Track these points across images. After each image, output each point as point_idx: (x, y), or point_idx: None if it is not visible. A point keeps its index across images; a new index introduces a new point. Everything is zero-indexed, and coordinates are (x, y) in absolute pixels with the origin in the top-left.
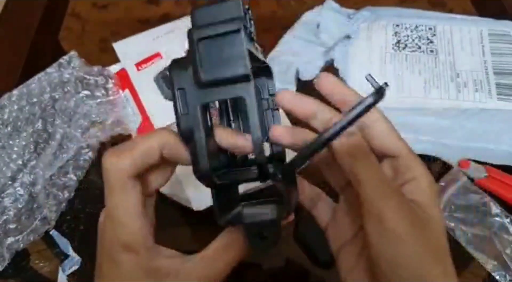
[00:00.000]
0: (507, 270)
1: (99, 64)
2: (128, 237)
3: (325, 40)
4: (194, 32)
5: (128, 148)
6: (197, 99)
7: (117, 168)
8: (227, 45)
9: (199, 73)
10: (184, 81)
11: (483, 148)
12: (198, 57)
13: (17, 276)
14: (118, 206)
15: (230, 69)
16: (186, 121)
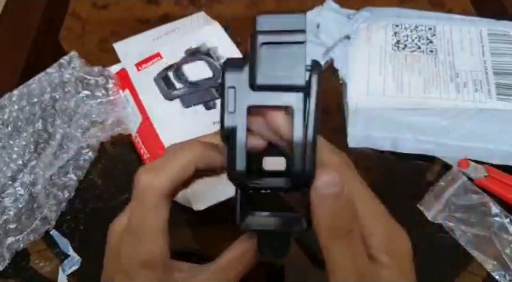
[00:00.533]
0: (506, 270)
1: (99, 64)
2: (149, 254)
3: (325, 40)
4: (259, 35)
5: (164, 164)
6: (246, 100)
7: (154, 187)
8: (289, 54)
9: (256, 75)
10: (236, 80)
11: (482, 148)
12: (258, 59)
13: (17, 276)
14: (146, 225)
15: (287, 78)
16: (231, 120)
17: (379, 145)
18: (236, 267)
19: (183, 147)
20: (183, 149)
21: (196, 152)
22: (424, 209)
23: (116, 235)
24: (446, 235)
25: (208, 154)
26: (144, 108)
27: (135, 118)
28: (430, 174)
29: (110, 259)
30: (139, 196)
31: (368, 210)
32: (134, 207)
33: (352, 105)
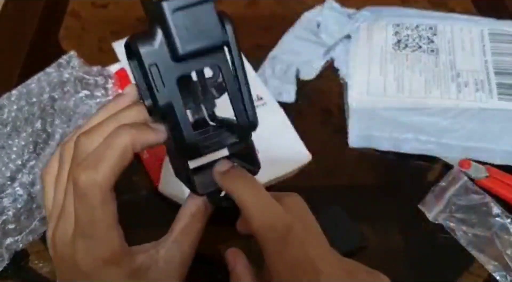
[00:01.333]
0: (508, 270)
1: (99, 63)
2: (109, 251)
3: (326, 39)
4: (164, 3)
5: (100, 157)
6: (173, 73)
7: (98, 183)
8: (200, 15)
9: (176, 47)
10: (154, 55)
11: (483, 148)
12: (173, 29)
13: (16, 276)
14: (97, 223)
15: (207, 40)
16: (163, 97)
17: (379, 145)
18: (193, 227)
19: (114, 134)
20: (116, 136)
21: (129, 136)
22: (425, 209)
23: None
24: (447, 236)
25: (141, 134)
26: None
27: None
28: (431, 174)
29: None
30: (82, 196)
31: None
32: (79, 209)
33: (353, 105)
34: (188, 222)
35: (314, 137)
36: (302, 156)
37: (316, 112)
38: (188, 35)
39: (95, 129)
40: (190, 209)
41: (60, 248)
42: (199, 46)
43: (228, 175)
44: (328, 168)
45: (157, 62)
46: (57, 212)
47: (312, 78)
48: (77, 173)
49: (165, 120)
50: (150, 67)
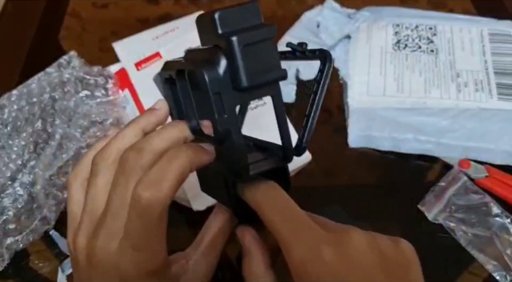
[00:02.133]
0: (507, 270)
1: (99, 64)
2: (155, 265)
3: (325, 40)
4: (234, 37)
5: (162, 176)
6: (233, 101)
7: (160, 202)
8: (264, 50)
9: (241, 79)
10: (218, 84)
11: (483, 148)
12: (241, 63)
13: (16, 276)
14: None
15: (269, 75)
16: (223, 123)
17: (379, 144)
18: (219, 240)
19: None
20: (176, 157)
21: (187, 157)
22: (425, 209)
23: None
24: (446, 235)
25: (197, 155)
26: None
27: None
28: (431, 174)
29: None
30: (143, 212)
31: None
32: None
33: (353, 105)
34: (216, 236)
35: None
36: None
37: None
38: (252, 70)
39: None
40: (218, 223)
41: (100, 257)
42: (261, 81)
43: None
44: (328, 168)
45: (221, 91)
46: (91, 219)
47: (312, 79)
48: (140, 191)
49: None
50: (214, 95)
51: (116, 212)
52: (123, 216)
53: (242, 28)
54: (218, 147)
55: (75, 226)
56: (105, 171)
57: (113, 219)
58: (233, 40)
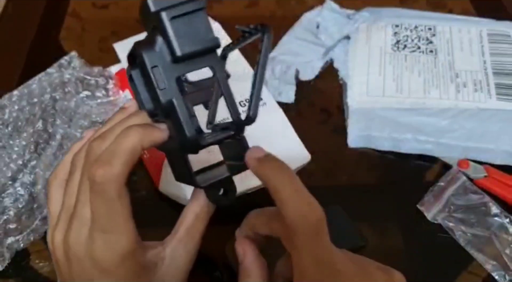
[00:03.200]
0: (506, 270)
1: (99, 64)
2: (127, 245)
3: (325, 40)
4: (163, 12)
5: (112, 154)
6: (172, 73)
7: (114, 178)
8: (195, 21)
9: (175, 49)
10: (155, 58)
11: (482, 148)
12: (171, 34)
13: (17, 275)
14: (115, 217)
15: (202, 42)
16: (165, 95)
17: (379, 145)
18: (197, 227)
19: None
20: (126, 135)
21: (137, 133)
22: (424, 209)
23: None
24: (445, 235)
25: (147, 132)
26: None
27: None
28: (430, 174)
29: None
30: (100, 191)
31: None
32: (97, 204)
33: (352, 105)
34: (192, 222)
35: (313, 137)
36: (301, 156)
37: (315, 113)
38: (184, 39)
39: (105, 134)
40: (194, 209)
41: (74, 249)
42: (194, 48)
43: (264, 161)
44: (327, 168)
45: (158, 64)
46: (67, 215)
47: (312, 79)
48: (93, 169)
49: (167, 118)
50: (153, 69)
51: (84, 200)
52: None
53: (173, 4)
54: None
55: (53, 224)
56: (80, 167)
57: (82, 207)
58: (162, 14)
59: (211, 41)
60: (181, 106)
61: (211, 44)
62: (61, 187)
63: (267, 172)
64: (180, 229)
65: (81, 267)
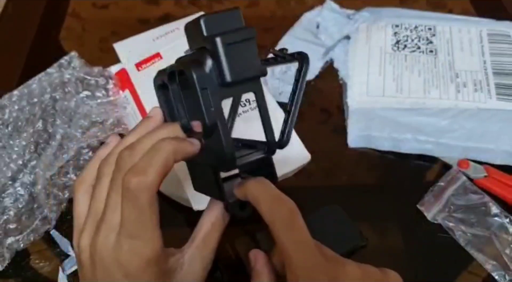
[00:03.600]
0: (506, 270)
1: (99, 64)
2: (153, 252)
3: (325, 40)
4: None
5: (148, 164)
6: (219, 96)
7: (148, 186)
8: (246, 49)
9: (225, 75)
10: (204, 80)
11: (482, 148)
12: (225, 60)
13: (17, 275)
14: (145, 224)
15: (251, 71)
16: (211, 117)
17: (379, 145)
18: (213, 235)
19: (159, 145)
20: (161, 146)
21: (171, 146)
22: (424, 209)
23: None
24: (445, 235)
25: (181, 145)
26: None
27: (135, 119)
28: (430, 174)
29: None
30: (133, 198)
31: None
32: (128, 211)
33: (352, 105)
34: (209, 231)
35: (313, 137)
36: (301, 156)
37: (315, 113)
38: (235, 66)
39: (135, 145)
40: (210, 219)
41: (101, 254)
42: (244, 76)
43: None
44: (327, 168)
45: (207, 86)
46: (94, 219)
47: (312, 79)
48: (128, 177)
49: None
50: (202, 91)
51: (113, 206)
52: (119, 209)
53: (225, 30)
54: (206, 140)
55: (80, 228)
56: (109, 173)
57: (111, 213)
58: (217, 40)
59: (260, 70)
60: (224, 128)
61: (259, 73)
62: (87, 192)
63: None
64: (197, 237)
65: (105, 271)
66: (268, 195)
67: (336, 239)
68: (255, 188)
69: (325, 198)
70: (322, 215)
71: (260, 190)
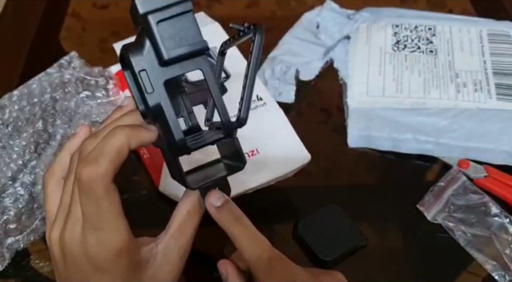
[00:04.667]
0: (506, 270)
1: (100, 64)
2: (120, 242)
3: (325, 40)
4: (149, 15)
5: (99, 153)
6: (160, 77)
7: (100, 176)
8: (182, 24)
9: (162, 53)
10: (143, 62)
11: (482, 148)
12: (158, 37)
13: (17, 276)
14: (105, 214)
15: (190, 46)
16: (153, 99)
17: (379, 145)
18: (189, 224)
19: (111, 133)
20: (113, 135)
21: (124, 133)
22: (424, 209)
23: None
24: (445, 235)
25: (135, 132)
26: None
27: None
28: (430, 174)
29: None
30: (87, 189)
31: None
32: (85, 202)
33: (352, 105)
34: (184, 219)
35: (313, 137)
36: (301, 156)
37: (315, 113)
38: (171, 43)
39: (96, 133)
40: (186, 206)
41: (70, 247)
42: (181, 52)
43: (221, 211)
44: (327, 168)
45: (146, 68)
46: (63, 213)
47: (312, 79)
48: (80, 168)
49: (157, 121)
50: (140, 73)
51: (76, 198)
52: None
53: (160, 7)
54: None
55: (51, 221)
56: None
57: (75, 206)
58: (149, 17)
59: (199, 44)
60: (169, 110)
61: (199, 47)
62: (58, 185)
63: (224, 222)
64: (172, 225)
65: (76, 265)
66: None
67: (336, 239)
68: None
69: (325, 198)
70: (322, 215)
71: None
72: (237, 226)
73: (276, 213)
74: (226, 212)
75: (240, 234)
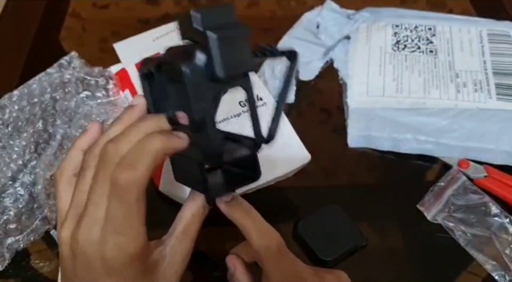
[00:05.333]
0: (506, 270)
1: (100, 64)
2: (138, 248)
3: (325, 40)
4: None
5: (137, 158)
6: (208, 91)
7: (137, 182)
8: (239, 46)
9: (218, 70)
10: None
11: (482, 148)
12: (218, 55)
13: (17, 276)
14: (132, 219)
15: (243, 67)
16: (199, 112)
17: (379, 145)
18: (193, 227)
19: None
20: (150, 141)
21: (160, 141)
22: (424, 209)
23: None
24: (445, 235)
25: (170, 140)
26: None
27: None
28: (430, 174)
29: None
30: (121, 194)
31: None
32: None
33: (352, 105)
34: (189, 222)
35: (313, 137)
36: (301, 156)
37: (315, 113)
38: (227, 62)
39: (120, 138)
40: (191, 210)
41: (84, 248)
42: (235, 72)
43: (231, 205)
44: (327, 168)
45: (196, 81)
46: (76, 212)
47: (312, 79)
48: (117, 172)
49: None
50: (191, 85)
51: (98, 200)
52: (104, 204)
53: (219, 25)
54: (193, 134)
55: (62, 219)
56: (94, 166)
57: (95, 208)
58: (210, 34)
59: (250, 66)
60: (212, 124)
61: (250, 69)
62: (69, 183)
63: (234, 214)
64: (177, 228)
65: (87, 265)
66: (256, 228)
67: (336, 239)
68: (243, 218)
69: (325, 198)
70: (322, 215)
71: (249, 222)
72: (247, 218)
73: (276, 213)
74: (236, 205)
75: (250, 225)
